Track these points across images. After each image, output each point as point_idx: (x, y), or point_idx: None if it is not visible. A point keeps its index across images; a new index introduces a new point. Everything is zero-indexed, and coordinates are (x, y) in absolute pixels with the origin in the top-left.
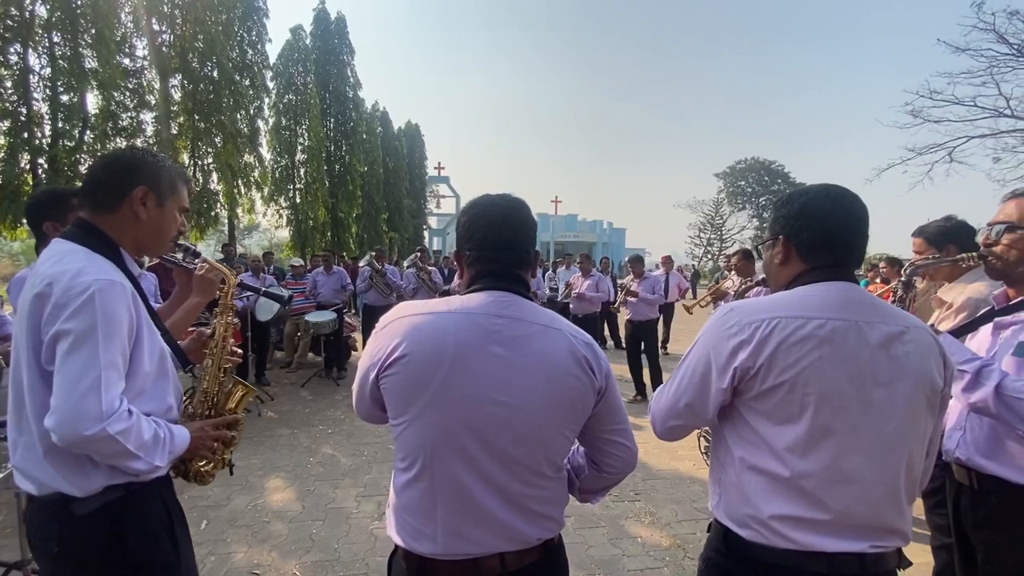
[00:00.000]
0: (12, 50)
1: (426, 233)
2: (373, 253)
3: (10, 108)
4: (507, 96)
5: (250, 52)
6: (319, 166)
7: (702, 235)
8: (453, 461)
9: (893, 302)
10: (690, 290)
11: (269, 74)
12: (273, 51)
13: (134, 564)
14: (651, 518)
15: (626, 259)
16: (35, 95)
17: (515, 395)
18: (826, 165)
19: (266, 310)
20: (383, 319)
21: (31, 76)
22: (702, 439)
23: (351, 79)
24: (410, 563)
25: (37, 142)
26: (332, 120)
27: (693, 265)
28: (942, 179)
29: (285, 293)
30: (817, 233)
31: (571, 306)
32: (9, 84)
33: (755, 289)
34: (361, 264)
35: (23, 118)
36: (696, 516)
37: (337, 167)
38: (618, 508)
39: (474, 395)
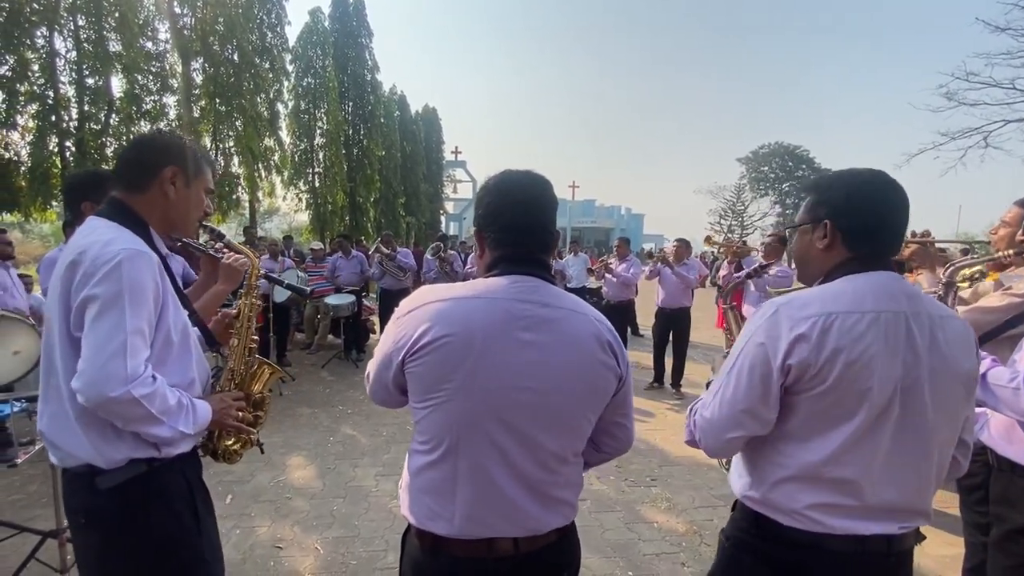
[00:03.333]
0: (39, 33)
1: (443, 218)
2: (380, 239)
3: (38, 91)
4: (524, 79)
5: (269, 35)
6: (337, 150)
7: (723, 221)
8: (478, 447)
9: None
10: (710, 278)
11: (288, 57)
12: (292, 34)
13: (156, 538)
14: (667, 504)
15: (673, 241)
16: (62, 79)
17: (544, 380)
18: (853, 150)
19: (283, 291)
20: (405, 304)
21: (57, 59)
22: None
23: (369, 62)
24: (423, 541)
25: (65, 125)
26: (350, 104)
27: (713, 252)
28: (976, 165)
29: (307, 288)
30: (867, 221)
31: (603, 290)
32: (36, 67)
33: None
34: (371, 250)
35: (50, 101)
36: (714, 503)
37: (355, 151)
38: (634, 493)
39: (503, 381)
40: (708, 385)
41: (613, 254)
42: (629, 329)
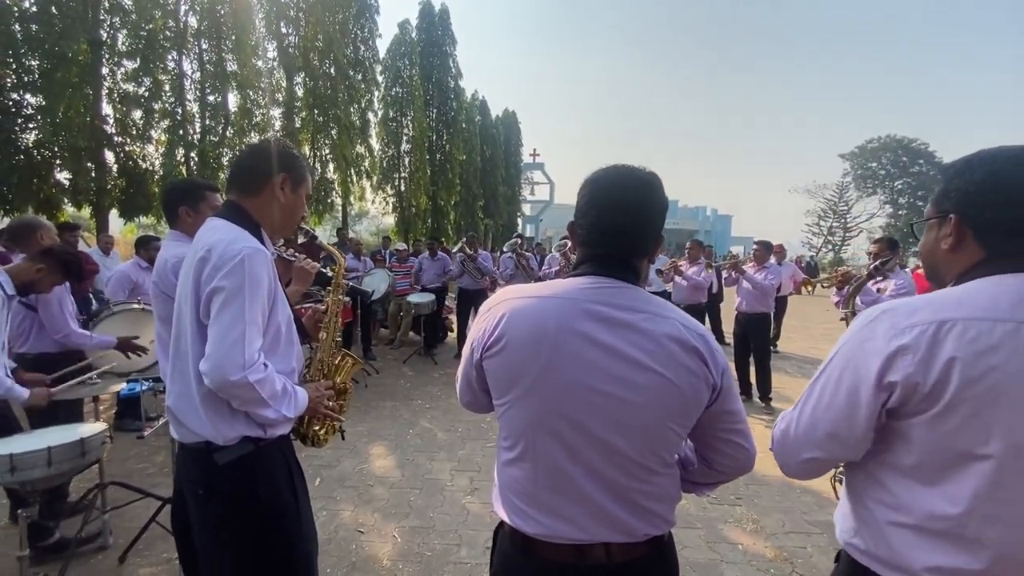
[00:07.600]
0: (170, 57)
1: (519, 220)
2: (465, 240)
3: (169, 109)
4: (606, 77)
5: (362, 48)
6: (422, 155)
7: (822, 223)
8: (553, 446)
9: None
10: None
11: (379, 68)
12: (382, 46)
13: (264, 509)
14: (754, 525)
15: (755, 244)
16: (188, 96)
17: (617, 385)
18: (981, 145)
19: (374, 290)
20: (487, 303)
21: (185, 80)
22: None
23: (452, 69)
24: (515, 540)
25: (190, 138)
26: (434, 110)
27: (812, 257)
28: None
29: (370, 289)
30: (1010, 214)
31: (672, 294)
32: (168, 88)
33: (873, 284)
34: (454, 250)
35: (179, 117)
36: (807, 529)
37: (438, 156)
38: (716, 511)
39: (574, 382)
40: None
41: (684, 256)
42: (714, 337)
